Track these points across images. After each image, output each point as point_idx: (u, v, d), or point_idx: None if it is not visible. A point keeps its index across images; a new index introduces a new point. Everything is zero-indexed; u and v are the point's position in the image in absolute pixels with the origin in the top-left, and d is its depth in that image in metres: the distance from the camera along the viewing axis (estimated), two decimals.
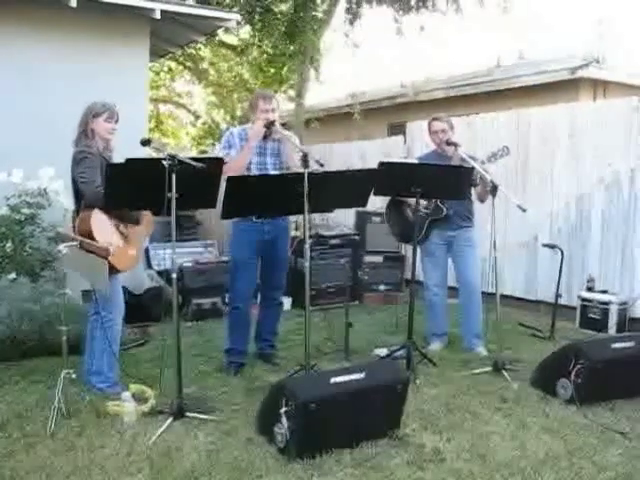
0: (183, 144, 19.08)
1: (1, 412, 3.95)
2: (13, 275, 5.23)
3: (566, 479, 3.18)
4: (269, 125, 4.62)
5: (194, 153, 16.16)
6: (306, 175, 3.99)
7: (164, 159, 3.65)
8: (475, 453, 3.46)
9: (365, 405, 3.48)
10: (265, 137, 4.74)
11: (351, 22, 13.70)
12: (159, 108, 18.35)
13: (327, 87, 14.33)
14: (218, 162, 3.96)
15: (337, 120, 13.63)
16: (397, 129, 10.93)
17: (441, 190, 4.90)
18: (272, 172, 4.71)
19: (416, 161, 5.43)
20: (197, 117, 18.03)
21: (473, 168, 4.83)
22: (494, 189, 4.73)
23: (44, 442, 3.54)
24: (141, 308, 6.04)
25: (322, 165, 4.08)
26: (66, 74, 6.27)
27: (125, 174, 3.74)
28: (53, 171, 5.50)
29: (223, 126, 16.77)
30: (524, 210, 4.76)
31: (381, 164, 4.61)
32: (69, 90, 6.11)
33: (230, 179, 4.02)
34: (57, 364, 4.01)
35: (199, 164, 3.64)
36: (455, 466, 3.31)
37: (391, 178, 4.72)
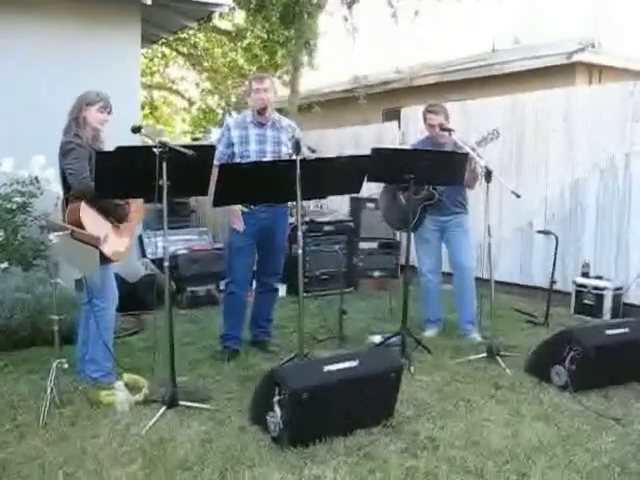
0: (176, 131, 19.01)
1: None
2: (5, 264, 5.19)
3: (560, 466, 3.18)
4: (262, 110, 4.62)
5: (187, 140, 16.12)
6: (298, 162, 3.95)
7: (155, 147, 3.61)
8: (469, 440, 3.45)
9: (358, 393, 3.47)
10: (263, 124, 4.73)
11: (349, 6, 13.61)
12: (153, 94, 18.24)
13: (322, 73, 14.26)
14: (209, 149, 3.93)
15: (332, 106, 13.57)
16: (392, 114, 10.87)
17: (434, 176, 4.86)
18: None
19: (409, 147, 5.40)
20: (191, 103, 17.93)
21: (467, 154, 4.79)
22: (488, 175, 4.69)
23: (37, 432, 3.52)
24: (135, 296, 6.01)
25: (314, 151, 4.06)
26: (56, 61, 6.22)
27: (115, 162, 3.70)
28: (44, 159, 5.46)
29: (218, 112, 16.70)
30: (518, 196, 4.73)
31: (373, 150, 4.57)
32: (60, 78, 6.07)
33: (221, 167, 3.99)
34: (50, 354, 3.99)
35: (190, 151, 3.60)
36: (448, 454, 3.30)
37: (384, 164, 4.68)
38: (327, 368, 3.42)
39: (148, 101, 17.69)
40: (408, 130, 8.34)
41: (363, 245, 7.61)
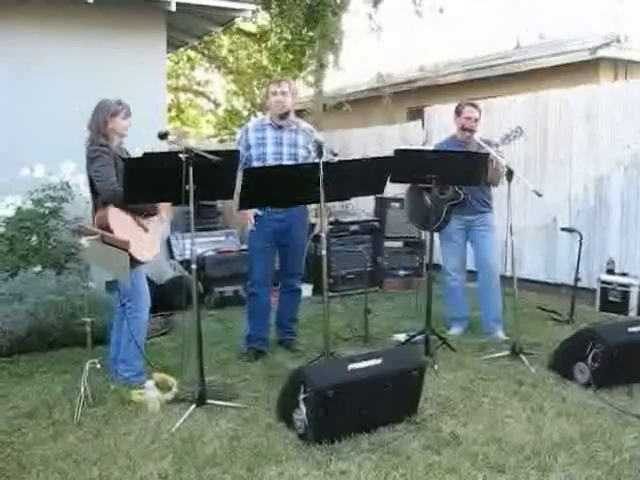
0: (203, 133, 19.20)
1: (30, 401, 4.08)
2: (39, 268, 5.35)
3: (581, 462, 3.22)
4: (284, 115, 4.71)
5: (215, 142, 16.28)
6: (321, 165, 4.04)
7: (181, 152, 3.71)
8: (491, 437, 3.50)
9: (382, 391, 3.54)
10: (281, 127, 4.81)
11: (375, 4, 13.62)
12: (179, 97, 18.46)
13: (347, 72, 14.29)
14: (234, 154, 4.03)
15: (357, 105, 13.53)
16: (416, 113, 10.89)
17: (456, 176, 4.92)
18: (287, 162, 4.77)
19: (431, 148, 5.45)
20: (217, 105, 18.12)
21: (488, 154, 4.84)
22: (510, 174, 4.73)
23: (71, 430, 3.65)
24: (164, 298, 6.09)
25: (336, 155, 4.13)
26: (84, 68, 6.38)
27: (143, 168, 3.82)
28: (74, 165, 5.58)
29: (244, 113, 16.86)
30: (540, 195, 4.76)
31: (396, 152, 4.64)
32: (87, 84, 6.20)
33: (246, 171, 4.08)
34: (83, 354, 4.12)
35: (214, 157, 3.70)
36: (471, 450, 3.36)
37: (406, 165, 4.75)
38: (351, 366, 3.50)
39: (175, 104, 17.91)
40: (432, 129, 8.38)
41: (388, 244, 7.66)
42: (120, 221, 4.09)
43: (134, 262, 4.06)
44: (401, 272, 7.65)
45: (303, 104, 14.49)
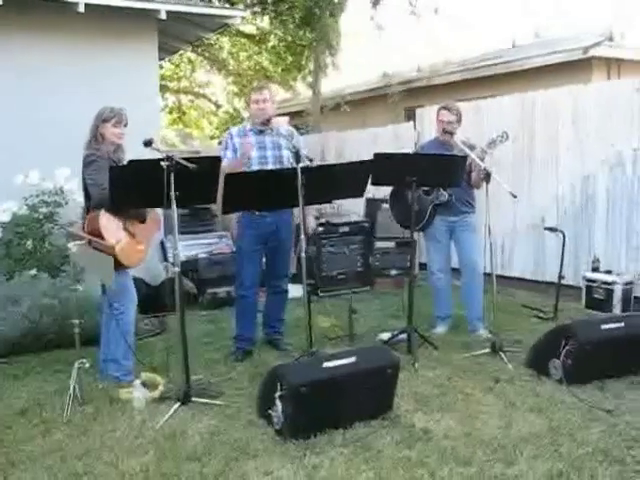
0: (206, 134, 19.37)
1: (22, 400, 4.24)
2: (34, 271, 5.50)
3: (545, 455, 3.34)
4: (266, 122, 4.83)
5: (214, 144, 16.43)
6: (299, 170, 4.17)
7: (162, 160, 3.86)
8: (461, 432, 3.62)
9: (356, 388, 3.66)
10: (262, 132, 4.94)
11: (374, 5, 13.74)
12: (181, 99, 18.64)
13: (345, 74, 14.43)
14: (214, 161, 4.18)
15: (355, 106, 13.64)
16: (413, 114, 10.99)
17: (435, 178, 5.04)
18: (272, 166, 4.90)
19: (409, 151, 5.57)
20: (218, 106, 18.28)
21: (465, 156, 4.96)
22: (487, 176, 4.85)
23: (60, 427, 3.80)
24: (157, 299, 6.25)
25: (311, 160, 4.27)
26: (78, 76, 6.53)
27: (127, 175, 3.97)
28: (69, 171, 5.73)
29: (245, 115, 17.02)
30: (515, 197, 4.87)
31: (376, 155, 4.78)
32: (81, 92, 6.37)
33: (227, 176, 4.23)
34: (76, 355, 4.25)
35: (192, 165, 3.84)
36: (441, 444, 3.48)
37: (386, 168, 4.88)
38: (326, 364, 3.63)
39: (176, 106, 18.08)
40: (424, 130, 8.49)
41: (379, 244, 7.78)
42: (109, 225, 4.23)
43: (120, 265, 4.21)
44: (392, 272, 7.76)
45: (302, 105, 14.65)
